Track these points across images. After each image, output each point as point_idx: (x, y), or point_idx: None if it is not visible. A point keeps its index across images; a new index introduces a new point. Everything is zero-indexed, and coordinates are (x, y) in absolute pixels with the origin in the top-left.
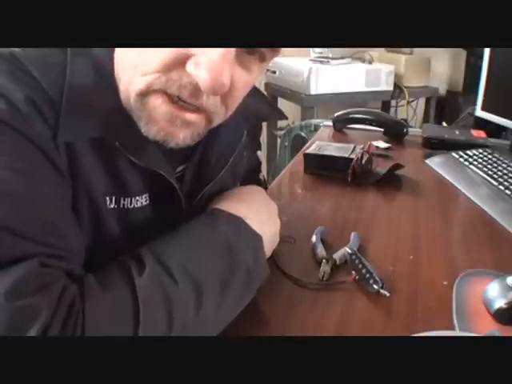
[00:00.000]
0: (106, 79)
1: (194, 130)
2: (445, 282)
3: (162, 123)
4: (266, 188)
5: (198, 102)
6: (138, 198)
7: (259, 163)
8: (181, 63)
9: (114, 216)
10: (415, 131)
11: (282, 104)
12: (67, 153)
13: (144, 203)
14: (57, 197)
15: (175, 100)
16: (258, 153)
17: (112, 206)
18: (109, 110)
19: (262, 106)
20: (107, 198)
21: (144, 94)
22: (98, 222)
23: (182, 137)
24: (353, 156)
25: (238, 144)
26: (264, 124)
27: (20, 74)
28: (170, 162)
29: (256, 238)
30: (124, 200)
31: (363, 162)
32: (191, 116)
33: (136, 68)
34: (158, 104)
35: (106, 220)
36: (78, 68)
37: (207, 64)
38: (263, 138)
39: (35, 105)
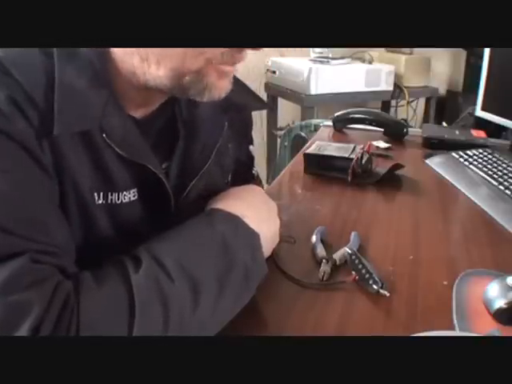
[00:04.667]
0: (96, 74)
1: (230, 79)
2: (445, 282)
3: (212, 80)
4: (260, 183)
5: (242, 59)
6: (125, 192)
7: (252, 158)
8: None
9: (103, 212)
10: (415, 131)
11: (282, 104)
12: (52, 150)
13: (132, 198)
14: (42, 194)
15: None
16: (251, 147)
17: (100, 202)
18: (100, 103)
19: (243, 96)
20: (95, 194)
21: (202, 69)
22: (87, 218)
23: (225, 87)
24: (353, 156)
25: (219, 136)
26: (264, 124)
27: (0, 75)
28: None
29: (253, 237)
30: (112, 195)
31: (363, 161)
32: (232, 68)
33: (186, 52)
34: (212, 71)
35: (95, 216)
36: (68, 64)
37: None
38: (263, 138)
39: (16, 104)
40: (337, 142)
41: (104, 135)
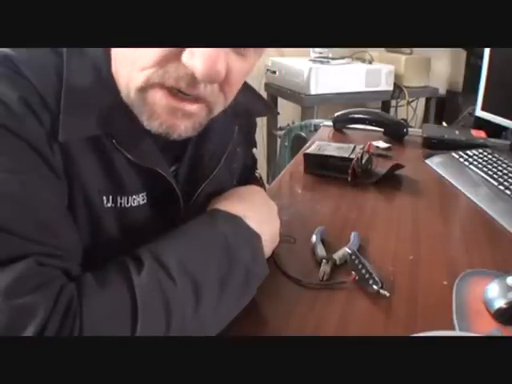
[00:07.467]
0: (104, 77)
1: (195, 121)
2: (445, 282)
3: (163, 116)
4: (262, 185)
5: (196, 91)
6: (134, 196)
7: (255, 161)
8: (176, 55)
9: (111, 215)
10: (415, 131)
11: (282, 104)
12: (62, 152)
13: (141, 202)
14: (52, 196)
15: (174, 92)
16: (254, 150)
17: (109, 205)
18: (107, 107)
19: (253, 101)
20: (104, 197)
21: (144, 89)
22: (95, 221)
23: (184, 128)
24: (353, 156)
25: (229, 141)
26: (264, 124)
27: (13, 76)
28: None
29: (254, 237)
30: (121, 199)
31: (363, 161)
32: (192, 107)
33: (134, 63)
34: (157, 98)
35: (103, 219)
36: (75, 67)
37: (202, 53)
38: (263, 138)
39: (28, 105)
40: (337, 142)
41: (114, 141)
